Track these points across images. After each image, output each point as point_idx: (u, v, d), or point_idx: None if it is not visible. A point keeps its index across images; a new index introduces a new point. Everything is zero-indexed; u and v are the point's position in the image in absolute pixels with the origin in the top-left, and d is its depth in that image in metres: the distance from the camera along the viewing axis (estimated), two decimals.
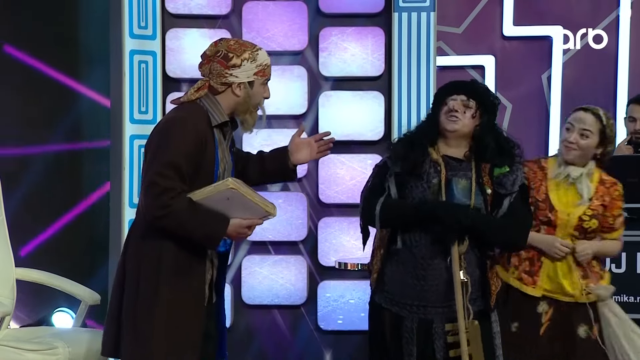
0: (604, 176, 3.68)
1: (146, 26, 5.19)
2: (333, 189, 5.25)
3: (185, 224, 3.12)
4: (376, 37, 5.25)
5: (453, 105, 3.29)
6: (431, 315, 3.26)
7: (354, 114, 5.24)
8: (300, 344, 5.34)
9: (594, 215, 3.61)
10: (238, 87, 3.21)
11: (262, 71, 3.25)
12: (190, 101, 3.25)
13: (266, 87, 3.30)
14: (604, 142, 3.61)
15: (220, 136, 3.26)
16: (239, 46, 3.25)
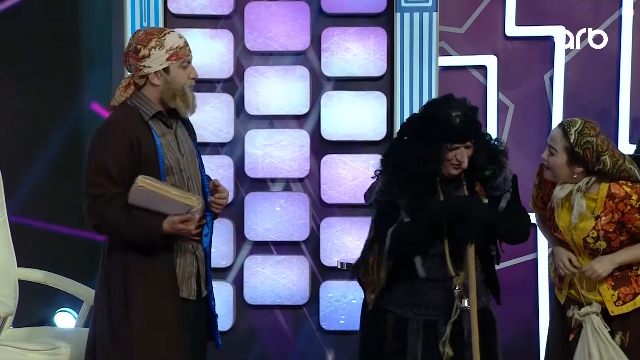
0: (614, 189, 3.39)
1: (148, 25, 5.20)
2: (335, 189, 5.25)
3: (121, 228, 3.13)
4: (378, 37, 5.25)
5: (458, 157, 3.19)
6: (436, 317, 3.26)
7: (356, 114, 5.24)
8: (303, 344, 5.34)
9: (600, 237, 3.38)
10: (155, 76, 3.21)
11: (175, 55, 3.22)
12: (121, 103, 3.25)
13: (189, 68, 3.27)
14: (577, 161, 3.35)
15: (162, 127, 3.25)
16: (146, 36, 3.24)
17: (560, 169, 3.41)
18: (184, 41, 3.30)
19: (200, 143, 5.23)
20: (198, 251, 3.30)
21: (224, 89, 5.33)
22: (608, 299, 3.42)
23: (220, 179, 5.22)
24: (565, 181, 3.43)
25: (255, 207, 5.27)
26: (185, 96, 3.25)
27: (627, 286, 3.44)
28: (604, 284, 3.42)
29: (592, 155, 3.35)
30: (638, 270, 3.47)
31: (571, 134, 3.37)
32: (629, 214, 3.38)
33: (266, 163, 5.27)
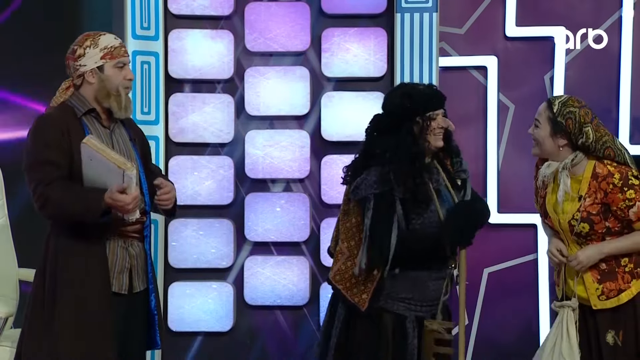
0: (598, 168, 3.39)
1: (149, 27, 5.20)
2: (335, 190, 5.25)
3: (64, 206, 3.22)
4: (378, 37, 5.25)
5: (440, 122, 3.31)
6: (423, 313, 3.29)
7: (356, 115, 5.22)
8: (303, 344, 5.33)
9: (582, 219, 3.37)
10: (90, 74, 3.31)
11: (110, 54, 3.31)
12: (60, 103, 3.37)
13: (125, 70, 3.35)
14: (559, 131, 3.38)
15: (96, 125, 3.33)
16: (83, 37, 3.37)
17: (545, 141, 3.44)
18: (119, 42, 3.41)
19: (200, 144, 5.29)
20: (132, 247, 3.37)
21: (224, 89, 5.33)
22: (592, 292, 3.41)
23: (220, 179, 5.26)
24: (550, 155, 3.45)
25: (256, 207, 5.27)
26: (119, 97, 3.34)
27: (613, 281, 3.42)
28: (590, 277, 3.41)
29: (575, 126, 3.38)
30: (626, 267, 3.45)
31: (555, 104, 3.45)
32: (612, 193, 3.36)
33: (266, 163, 5.27)
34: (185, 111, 5.26)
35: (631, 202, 3.38)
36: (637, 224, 3.42)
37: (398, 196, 3.23)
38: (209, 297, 5.27)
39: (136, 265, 3.37)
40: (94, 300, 3.26)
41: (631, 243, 3.44)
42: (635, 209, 3.39)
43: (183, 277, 5.27)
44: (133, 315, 3.38)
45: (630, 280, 3.44)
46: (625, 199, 3.38)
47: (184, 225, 5.24)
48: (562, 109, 3.40)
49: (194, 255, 5.27)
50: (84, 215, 3.23)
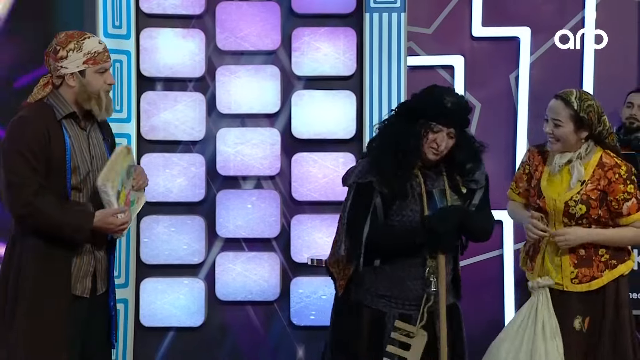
0: (605, 158, 3.54)
1: (120, 26, 5.22)
2: (306, 187, 5.31)
3: (52, 221, 3.19)
4: (348, 37, 5.31)
5: (438, 141, 3.23)
6: (410, 311, 3.30)
7: (326, 113, 5.30)
8: (274, 339, 5.38)
9: (582, 201, 3.49)
10: (71, 77, 3.27)
11: (93, 59, 3.28)
12: (37, 100, 3.31)
13: (106, 75, 3.31)
14: (583, 126, 3.49)
15: (74, 128, 3.31)
16: (66, 38, 3.31)
17: (569, 137, 3.53)
18: (103, 47, 3.35)
19: (172, 141, 5.33)
20: (98, 252, 3.37)
21: (195, 87, 5.37)
22: (567, 275, 3.52)
23: (192, 176, 5.31)
24: (572, 148, 3.54)
25: (227, 204, 5.32)
26: (100, 100, 3.29)
27: (588, 268, 3.54)
28: (567, 260, 3.51)
29: (595, 117, 3.51)
30: (603, 257, 3.57)
31: (573, 101, 3.51)
32: (615, 183, 3.51)
33: (237, 161, 5.32)
34: (157, 109, 5.29)
35: (629, 195, 3.53)
36: (624, 219, 3.56)
37: (379, 189, 3.22)
38: (180, 293, 5.31)
39: (100, 269, 3.37)
40: (55, 303, 3.25)
41: (618, 237, 3.57)
42: (630, 204, 3.54)
43: (155, 273, 5.30)
44: (95, 316, 3.39)
45: (604, 270, 3.57)
46: (625, 192, 3.52)
47: (155, 222, 5.28)
48: (581, 104, 3.50)
49: (166, 251, 5.31)
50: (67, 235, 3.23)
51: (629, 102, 4.95)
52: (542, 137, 3.70)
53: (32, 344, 3.25)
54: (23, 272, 3.26)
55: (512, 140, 5.43)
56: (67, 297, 3.28)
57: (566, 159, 3.54)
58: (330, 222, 5.26)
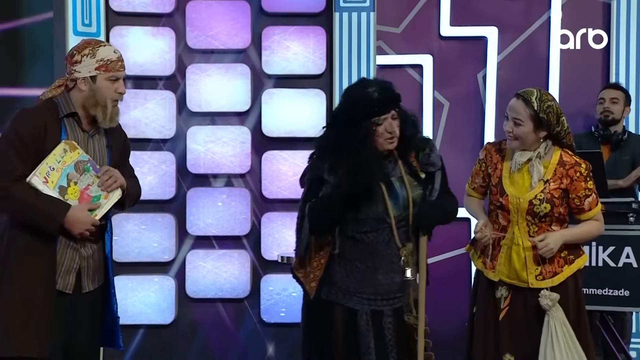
0: (565, 157, 3.61)
1: (90, 23, 5.21)
2: (276, 185, 5.33)
3: (25, 208, 3.25)
4: (318, 36, 5.34)
5: (388, 128, 3.23)
6: (382, 307, 3.32)
7: (296, 111, 5.32)
8: (244, 336, 5.40)
9: (546, 200, 3.55)
10: (82, 82, 3.35)
11: (105, 66, 3.35)
12: (47, 99, 3.40)
13: (118, 83, 3.38)
14: (542, 126, 3.55)
15: (75, 129, 3.36)
16: (83, 43, 3.41)
17: (528, 136, 3.59)
18: (117, 56, 3.41)
19: (142, 139, 5.33)
20: (84, 249, 3.39)
21: (166, 86, 5.37)
22: (532, 272, 3.60)
23: (162, 174, 5.31)
24: (530, 147, 3.60)
25: (197, 202, 5.34)
26: (105, 108, 3.35)
27: (551, 264, 3.63)
28: (531, 259, 3.59)
29: (554, 118, 3.57)
30: (562, 253, 3.65)
31: (533, 102, 3.57)
32: (577, 181, 3.60)
33: (208, 159, 5.33)
34: (126, 107, 5.29)
35: (589, 192, 3.63)
36: (585, 214, 3.66)
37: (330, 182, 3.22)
38: (150, 291, 5.32)
39: (86, 267, 3.39)
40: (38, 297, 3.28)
41: (585, 232, 3.68)
42: (590, 199, 3.63)
43: (125, 270, 5.30)
44: (81, 314, 3.40)
45: (563, 265, 3.65)
46: (586, 188, 3.62)
47: (126, 219, 5.28)
48: (541, 105, 3.57)
49: (136, 249, 5.32)
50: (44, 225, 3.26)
51: (600, 99, 5.03)
52: None
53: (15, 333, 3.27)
54: (8, 262, 3.30)
55: (480, 138, 5.49)
56: (49, 291, 3.31)
57: (526, 158, 3.60)
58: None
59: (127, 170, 3.59)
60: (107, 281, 3.49)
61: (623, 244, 4.42)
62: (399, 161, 3.33)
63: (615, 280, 4.41)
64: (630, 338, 5.01)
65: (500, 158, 3.67)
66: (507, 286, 3.63)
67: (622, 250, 4.43)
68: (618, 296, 4.41)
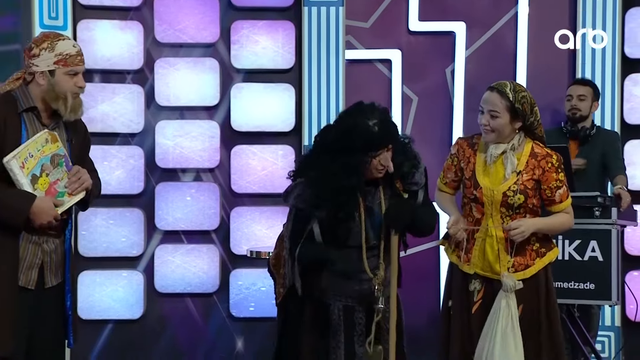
0: (536, 149, 3.64)
1: (57, 17, 5.18)
2: (245, 179, 5.33)
3: None
4: (287, 30, 5.34)
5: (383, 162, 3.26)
6: (353, 303, 3.34)
7: (266, 106, 5.33)
8: (213, 331, 5.40)
9: (520, 191, 3.58)
10: (40, 76, 3.32)
11: (64, 61, 3.32)
12: (5, 92, 3.36)
13: (77, 78, 3.35)
14: (517, 116, 3.57)
15: (35, 123, 3.33)
16: (42, 37, 3.37)
17: (505, 128, 3.61)
18: (76, 51, 3.37)
19: (110, 133, 5.30)
20: (46, 244, 3.37)
21: (134, 80, 5.35)
22: (504, 264, 3.64)
23: (130, 169, 5.29)
24: (505, 139, 3.63)
25: (166, 196, 5.32)
26: (66, 101, 3.32)
27: (522, 257, 3.67)
28: (504, 251, 3.61)
29: (528, 108, 3.62)
30: (534, 246, 3.68)
31: (508, 93, 3.61)
32: (548, 172, 3.63)
33: (177, 153, 5.32)
34: (94, 101, 5.26)
35: (561, 183, 3.66)
36: (557, 206, 3.69)
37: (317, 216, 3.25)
38: (119, 285, 5.30)
39: (49, 262, 3.35)
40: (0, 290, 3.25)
41: (557, 223, 3.71)
42: (561, 191, 3.66)
43: (93, 265, 5.28)
44: (44, 309, 3.37)
45: (535, 258, 3.68)
46: (557, 180, 3.65)
47: (93, 214, 5.25)
48: (516, 95, 3.61)
49: (104, 244, 5.29)
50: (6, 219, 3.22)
51: (568, 95, 5.07)
52: (477, 130, 3.78)
53: None
54: None
55: (448, 132, 5.52)
56: (11, 287, 3.27)
57: (501, 150, 3.63)
58: (269, 215, 5.30)
59: (88, 164, 3.56)
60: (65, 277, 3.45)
61: (589, 238, 4.47)
62: (380, 187, 3.35)
63: (581, 274, 4.46)
64: (597, 331, 5.06)
65: (473, 152, 3.70)
66: (481, 279, 3.66)
67: (588, 244, 4.48)
68: (584, 289, 4.46)
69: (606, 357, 5.14)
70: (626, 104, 5.37)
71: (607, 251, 4.44)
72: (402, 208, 3.33)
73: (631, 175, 5.12)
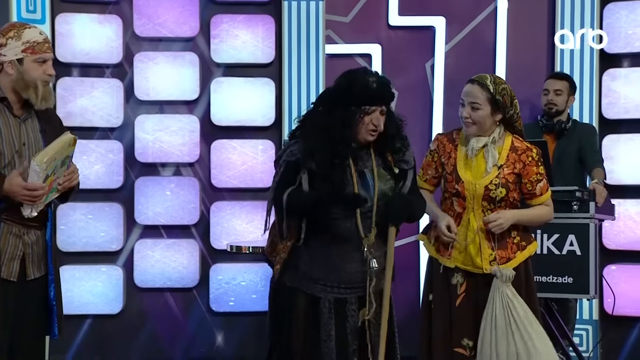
0: (516, 143, 3.67)
1: (35, 10, 5.15)
2: (225, 174, 5.33)
3: None
4: (267, 24, 5.34)
5: (374, 121, 3.27)
6: (345, 295, 3.32)
7: (246, 100, 5.33)
8: (193, 325, 5.40)
9: (501, 185, 3.60)
10: (9, 65, 3.31)
11: (31, 48, 3.31)
12: None
13: (46, 65, 3.35)
14: (498, 108, 3.60)
15: (6, 114, 3.32)
16: (8, 26, 3.37)
17: (486, 120, 3.64)
18: (43, 38, 3.37)
19: (89, 128, 5.29)
20: (27, 235, 3.36)
21: (113, 74, 5.33)
22: (485, 258, 3.66)
23: (110, 163, 5.28)
24: (486, 132, 3.66)
25: (146, 191, 5.31)
26: (37, 89, 3.31)
27: (504, 250, 3.70)
28: (485, 244, 3.64)
29: (508, 100, 3.65)
30: (515, 239, 3.71)
31: (489, 85, 3.64)
32: (529, 165, 3.67)
33: (156, 148, 5.31)
34: (73, 95, 5.24)
35: (541, 177, 3.69)
36: (537, 199, 3.72)
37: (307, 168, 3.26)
38: (98, 280, 5.29)
39: (31, 253, 3.34)
40: None
41: (537, 215, 3.74)
42: (542, 184, 3.69)
43: (72, 260, 5.26)
44: (26, 302, 3.35)
45: (516, 251, 3.71)
46: (538, 173, 3.68)
47: (72, 209, 5.23)
48: (496, 87, 3.65)
49: (83, 238, 5.28)
50: None
51: (545, 89, 5.09)
52: (457, 124, 3.79)
53: None
54: None
55: (428, 127, 5.54)
56: None
57: (482, 143, 3.66)
58: (249, 209, 5.30)
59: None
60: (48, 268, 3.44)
61: (567, 232, 4.49)
62: (373, 154, 3.37)
63: (559, 268, 4.49)
64: (574, 325, 5.10)
65: (454, 147, 3.72)
66: (463, 272, 3.68)
67: (566, 238, 4.51)
68: (562, 283, 4.49)
69: (584, 350, 5.18)
70: (604, 99, 5.40)
71: (585, 245, 4.47)
72: (403, 203, 3.33)
73: (609, 169, 5.16)
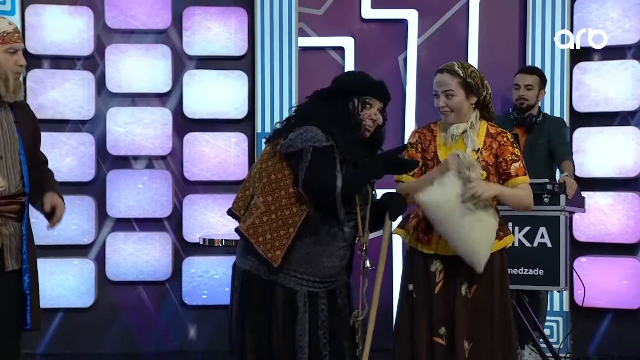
0: (491, 129, 3.71)
1: (4, 1, 5.12)
2: (198, 167, 5.32)
3: None
4: (239, 17, 5.33)
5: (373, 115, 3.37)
6: (317, 289, 3.33)
7: (218, 93, 5.32)
8: (165, 319, 5.39)
9: (482, 167, 3.61)
10: None
11: (1, 39, 3.29)
12: None
13: (17, 56, 3.33)
14: (472, 91, 3.64)
15: None
16: None
17: (463, 105, 3.66)
18: (13, 28, 3.35)
19: (60, 120, 5.25)
20: (5, 226, 3.35)
21: (84, 66, 5.30)
22: None
23: (81, 156, 5.25)
24: (464, 117, 3.69)
25: (118, 184, 5.29)
26: (7, 81, 3.30)
27: None
28: None
29: (479, 81, 3.69)
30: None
31: (458, 70, 3.68)
32: (504, 145, 3.69)
33: (128, 140, 5.28)
34: (44, 87, 5.21)
35: (517, 157, 3.71)
36: (513, 180, 3.70)
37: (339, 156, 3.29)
38: (69, 274, 5.26)
39: (9, 245, 3.34)
40: None
41: (516, 195, 3.67)
42: (517, 165, 3.69)
43: (43, 253, 5.14)
44: (4, 294, 3.34)
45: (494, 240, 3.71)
46: (513, 153, 3.70)
47: None
48: (465, 71, 3.69)
49: (55, 231, 5.18)
50: None
51: (515, 84, 5.12)
52: (430, 118, 3.81)
53: None
54: None
55: (401, 120, 5.56)
56: None
57: (461, 130, 3.69)
58: (222, 202, 5.29)
59: (41, 155, 3.54)
60: None
61: (538, 225, 4.53)
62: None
63: (530, 260, 4.52)
64: (545, 316, 5.14)
65: (432, 136, 3.75)
66: (441, 259, 3.69)
67: (537, 231, 4.54)
68: (533, 275, 4.53)
69: (555, 342, 5.23)
70: (575, 92, 5.44)
71: (555, 237, 4.50)
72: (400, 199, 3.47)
73: (580, 162, 5.20)
